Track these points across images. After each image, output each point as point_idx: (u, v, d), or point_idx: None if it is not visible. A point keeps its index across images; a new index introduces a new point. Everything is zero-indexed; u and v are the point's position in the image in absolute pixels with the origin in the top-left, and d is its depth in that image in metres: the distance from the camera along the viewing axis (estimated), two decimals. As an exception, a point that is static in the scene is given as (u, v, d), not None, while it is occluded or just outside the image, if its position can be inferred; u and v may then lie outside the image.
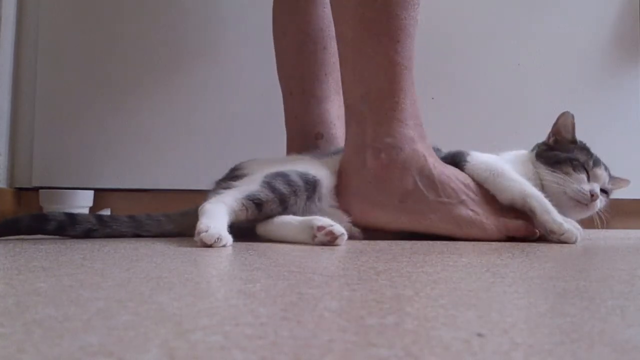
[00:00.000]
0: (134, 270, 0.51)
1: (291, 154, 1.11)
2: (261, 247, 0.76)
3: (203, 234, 0.73)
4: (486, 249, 0.78)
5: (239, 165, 0.99)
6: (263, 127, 1.38)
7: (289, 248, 0.76)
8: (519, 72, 1.50)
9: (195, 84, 1.41)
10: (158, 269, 0.52)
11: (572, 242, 0.88)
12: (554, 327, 0.30)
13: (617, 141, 1.49)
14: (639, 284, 0.47)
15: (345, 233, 0.80)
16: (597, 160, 1.00)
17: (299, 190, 0.88)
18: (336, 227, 0.80)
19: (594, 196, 0.95)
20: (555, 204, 0.92)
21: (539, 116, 1.48)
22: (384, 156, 0.93)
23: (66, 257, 0.62)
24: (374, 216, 0.93)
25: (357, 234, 0.92)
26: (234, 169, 0.98)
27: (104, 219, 0.92)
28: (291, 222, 0.84)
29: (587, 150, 1.02)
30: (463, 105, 1.47)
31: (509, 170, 0.96)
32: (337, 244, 0.79)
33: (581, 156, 1.00)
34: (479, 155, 1.00)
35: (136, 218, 0.93)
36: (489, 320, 0.32)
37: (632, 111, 1.53)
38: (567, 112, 1.05)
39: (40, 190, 1.31)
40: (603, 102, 1.52)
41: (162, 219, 0.94)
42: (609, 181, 1.01)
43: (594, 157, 1.01)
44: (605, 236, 1.09)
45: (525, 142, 1.47)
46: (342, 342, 0.26)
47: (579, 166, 0.98)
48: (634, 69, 1.53)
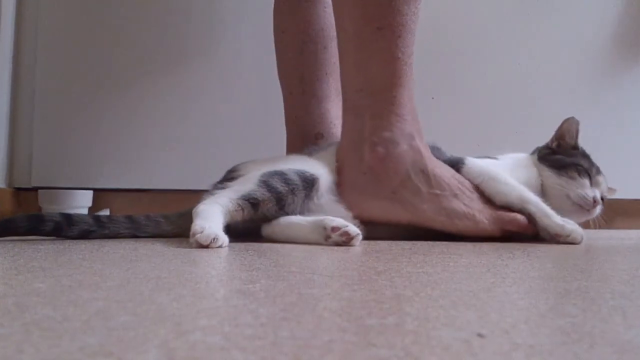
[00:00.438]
0: (133, 270, 0.51)
1: (291, 154, 1.11)
2: (261, 248, 0.76)
3: (198, 235, 0.72)
4: (486, 249, 0.78)
5: (235, 167, 0.98)
6: (263, 127, 1.38)
7: (288, 248, 0.75)
8: (519, 72, 1.50)
9: (195, 84, 1.41)
10: (157, 269, 0.52)
11: (579, 242, 0.89)
12: (554, 328, 0.30)
13: (617, 141, 1.49)
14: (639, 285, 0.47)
15: (360, 233, 0.80)
16: (598, 167, 1.02)
17: (296, 189, 0.88)
18: (351, 227, 0.80)
19: (596, 202, 0.97)
20: (556, 207, 0.93)
21: (539, 116, 1.49)
22: (380, 149, 0.94)
23: (65, 257, 0.62)
24: (368, 207, 0.93)
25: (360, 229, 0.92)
26: (230, 170, 0.98)
27: (101, 219, 0.91)
28: (300, 223, 0.84)
29: (588, 157, 1.04)
30: (463, 105, 1.47)
31: (503, 175, 0.96)
32: (352, 245, 0.79)
33: (584, 162, 1.01)
34: (474, 160, 1.00)
35: (134, 219, 0.92)
36: (489, 320, 0.32)
37: (632, 111, 1.53)
38: (572, 117, 1.06)
39: (39, 191, 1.31)
40: (603, 102, 1.52)
41: (160, 220, 0.93)
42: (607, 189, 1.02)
43: (595, 165, 1.02)
44: (606, 236, 1.09)
45: (525, 142, 1.47)
46: (342, 342, 0.26)
47: (584, 172, 0.99)
48: (634, 69, 1.53)
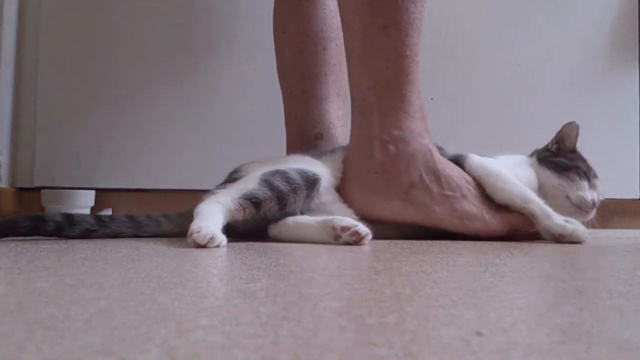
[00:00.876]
0: (135, 270, 0.51)
1: (291, 154, 1.11)
2: (261, 247, 0.76)
3: (195, 235, 0.72)
4: (486, 248, 0.78)
5: (237, 169, 0.98)
6: (263, 127, 1.38)
7: (289, 248, 0.76)
8: (519, 72, 1.50)
9: (196, 85, 1.42)
10: (159, 268, 0.52)
11: (583, 240, 0.88)
12: (553, 327, 0.31)
13: (616, 141, 1.49)
14: (637, 284, 0.47)
15: (370, 233, 0.80)
16: (594, 171, 1.03)
17: (298, 189, 0.88)
18: (360, 227, 0.80)
19: (594, 204, 0.98)
20: (554, 207, 0.93)
21: (539, 116, 1.49)
22: (391, 148, 0.93)
23: (67, 256, 0.62)
24: (379, 207, 0.93)
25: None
26: (232, 172, 0.97)
27: (103, 219, 0.91)
28: (309, 223, 0.84)
29: (586, 161, 1.05)
30: (463, 105, 1.47)
31: (506, 174, 0.97)
32: (362, 244, 0.79)
33: (583, 165, 1.02)
34: (477, 158, 1.00)
35: (135, 218, 0.92)
36: (488, 319, 0.32)
37: (630, 111, 1.53)
38: (573, 122, 1.07)
39: (42, 191, 1.31)
40: (602, 102, 1.52)
41: (161, 219, 0.93)
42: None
43: (592, 168, 1.03)
44: (603, 236, 1.09)
45: (524, 142, 1.47)
46: (342, 341, 0.26)
47: (583, 174, 1.00)
48: (633, 69, 1.53)
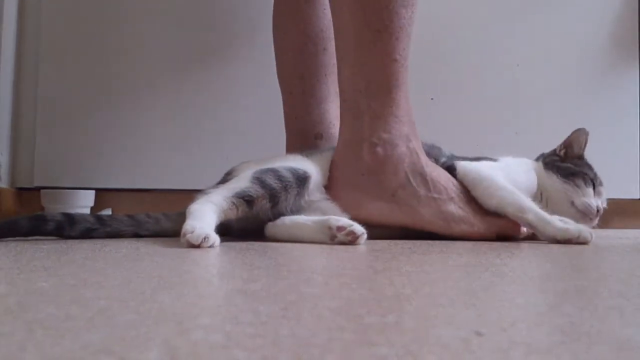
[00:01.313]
0: (136, 269, 0.51)
1: (291, 154, 1.11)
2: (261, 247, 0.76)
3: (189, 235, 0.72)
4: (486, 248, 0.78)
5: (231, 170, 0.98)
6: (263, 127, 1.38)
7: (289, 248, 0.76)
8: (519, 72, 1.50)
9: (196, 85, 1.42)
10: (159, 268, 0.52)
11: (589, 241, 0.87)
12: (552, 326, 0.31)
13: (616, 141, 1.49)
14: (637, 284, 0.47)
15: (366, 232, 0.80)
16: (600, 179, 1.03)
17: (289, 186, 0.88)
18: (356, 226, 0.80)
19: (599, 211, 0.99)
20: (558, 213, 0.93)
21: (539, 116, 1.49)
22: (379, 150, 0.94)
23: (68, 256, 0.62)
24: (367, 209, 0.93)
25: None
26: (227, 173, 0.98)
27: (103, 218, 0.92)
28: (305, 223, 0.84)
29: (592, 168, 1.05)
30: (462, 105, 1.47)
31: (498, 180, 0.96)
32: (358, 244, 0.79)
33: (590, 172, 1.02)
34: (466, 164, 1.00)
35: (135, 217, 0.93)
36: (488, 319, 0.32)
37: (630, 111, 1.53)
38: (582, 128, 1.07)
39: (42, 190, 1.31)
40: (602, 102, 1.52)
41: (161, 217, 0.94)
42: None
43: (598, 176, 1.03)
44: (603, 236, 1.09)
45: (524, 142, 1.47)
46: (342, 340, 0.27)
47: (589, 181, 1.00)
48: (632, 69, 1.53)
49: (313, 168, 0.94)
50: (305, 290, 0.41)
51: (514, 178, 0.98)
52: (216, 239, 0.74)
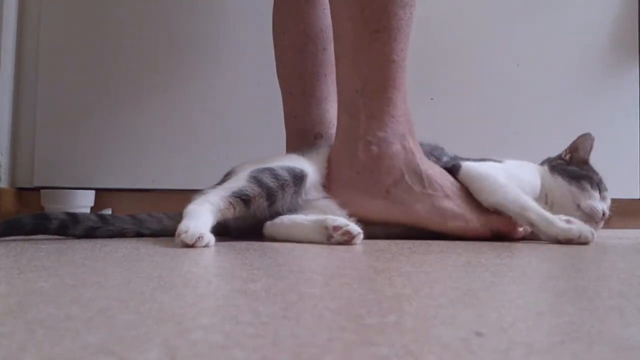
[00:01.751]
0: (135, 269, 0.51)
1: (288, 154, 1.11)
2: (261, 247, 0.76)
3: (183, 235, 0.72)
4: (486, 248, 0.78)
5: (231, 170, 0.98)
6: (263, 127, 1.39)
7: (289, 248, 0.76)
8: (519, 72, 1.50)
9: (196, 85, 1.42)
10: (159, 268, 0.52)
11: (590, 240, 0.86)
12: (552, 327, 0.31)
13: (616, 141, 1.49)
14: (637, 284, 0.47)
15: (362, 232, 0.80)
16: (605, 185, 1.03)
17: (286, 185, 0.88)
18: (352, 226, 0.80)
19: (604, 215, 0.99)
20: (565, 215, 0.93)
21: (538, 117, 1.49)
22: (374, 149, 0.95)
23: (67, 256, 0.62)
24: (363, 206, 0.94)
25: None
26: (226, 174, 0.98)
27: (106, 217, 0.93)
28: (303, 223, 0.84)
29: (598, 173, 1.05)
30: (463, 105, 1.47)
31: (501, 180, 0.96)
32: (354, 244, 0.79)
33: (595, 177, 1.02)
34: (470, 164, 1.00)
35: (136, 216, 0.94)
36: (488, 319, 0.32)
37: (629, 111, 1.53)
38: (588, 133, 1.07)
39: (42, 191, 1.31)
40: (602, 102, 1.52)
41: (162, 216, 0.95)
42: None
43: (603, 181, 1.03)
44: (604, 236, 1.09)
45: (524, 142, 1.47)
46: (341, 341, 0.27)
47: (595, 185, 1.01)
48: (633, 70, 1.53)
49: (309, 167, 0.95)
50: (305, 290, 0.41)
51: (517, 179, 0.98)
52: (211, 238, 0.74)
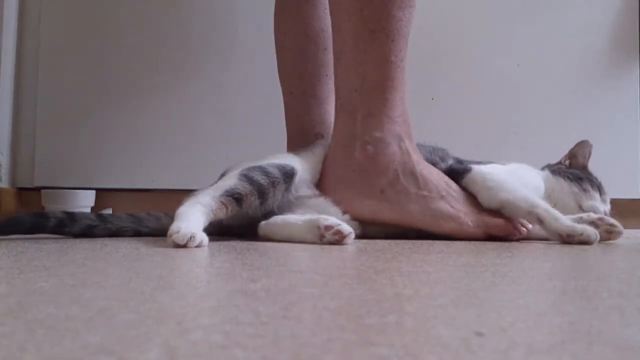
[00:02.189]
0: (135, 269, 0.51)
1: (280, 153, 1.11)
2: (262, 247, 0.76)
3: (174, 236, 0.71)
4: (486, 248, 0.78)
5: (226, 170, 0.99)
6: (263, 127, 1.39)
7: (289, 248, 0.76)
8: (519, 72, 1.50)
9: (196, 85, 1.42)
10: (159, 268, 0.52)
11: (592, 241, 0.86)
12: (553, 327, 0.31)
13: (616, 141, 1.49)
14: (637, 284, 0.47)
15: (353, 232, 0.80)
16: (605, 189, 1.05)
17: (277, 182, 0.89)
18: (343, 226, 0.80)
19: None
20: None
21: (538, 117, 1.49)
22: (370, 148, 0.95)
23: (67, 256, 0.62)
24: (357, 206, 0.94)
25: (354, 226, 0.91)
26: (221, 174, 0.98)
27: (104, 216, 0.93)
28: (296, 223, 0.84)
29: (597, 178, 1.06)
30: (463, 105, 1.47)
31: (510, 180, 0.97)
32: (345, 243, 0.79)
33: (595, 180, 1.04)
34: (478, 168, 1.00)
35: (135, 215, 0.94)
36: (488, 319, 0.32)
37: (631, 111, 1.53)
38: (586, 140, 1.08)
39: (42, 190, 1.31)
40: (602, 103, 1.52)
41: (161, 215, 0.95)
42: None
43: (603, 186, 1.05)
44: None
45: (524, 142, 1.47)
46: (341, 341, 0.26)
47: (596, 186, 1.02)
48: (633, 70, 1.53)
49: (300, 164, 0.95)
50: (305, 290, 0.41)
51: (523, 180, 0.99)
52: (203, 237, 0.74)
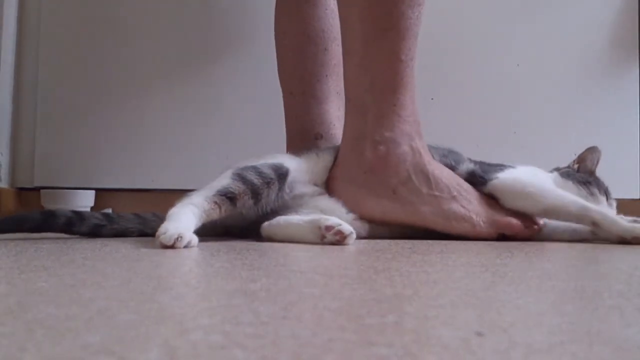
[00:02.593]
0: (135, 269, 0.51)
1: (277, 153, 1.11)
2: (262, 247, 0.76)
3: (162, 236, 0.71)
4: (485, 248, 0.78)
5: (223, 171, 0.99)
6: (263, 127, 1.39)
7: (289, 248, 0.76)
8: (519, 72, 1.50)
9: (196, 85, 1.42)
10: (159, 268, 0.52)
11: None
12: (552, 327, 0.31)
13: (616, 141, 1.49)
14: (637, 284, 0.47)
15: (354, 232, 0.80)
16: (611, 194, 1.04)
17: (271, 182, 0.88)
18: (344, 226, 0.79)
19: None
20: None
21: (538, 116, 1.49)
22: (382, 148, 0.95)
23: (68, 256, 0.62)
24: (369, 206, 0.94)
25: (359, 228, 0.91)
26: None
27: (111, 215, 0.94)
28: (298, 223, 0.84)
29: (604, 184, 1.05)
30: (463, 105, 1.47)
31: (550, 186, 0.96)
32: (346, 244, 0.79)
33: (602, 184, 1.04)
34: (509, 173, 0.99)
35: (141, 215, 0.94)
36: (488, 319, 0.32)
37: (630, 111, 1.53)
38: (595, 146, 1.08)
39: (42, 191, 1.31)
40: (602, 102, 1.52)
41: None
42: None
43: (610, 192, 1.04)
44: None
45: (524, 142, 1.46)
46: (341, 341, 0.26)
47: (603, 191, 1.02)
48: (633, 70, 1.53)
49: (296, 164, 0.95)
50: (305, 290, 0.41)
51: (543, 182, 0.98)
52: (192, 237, 0.73)
